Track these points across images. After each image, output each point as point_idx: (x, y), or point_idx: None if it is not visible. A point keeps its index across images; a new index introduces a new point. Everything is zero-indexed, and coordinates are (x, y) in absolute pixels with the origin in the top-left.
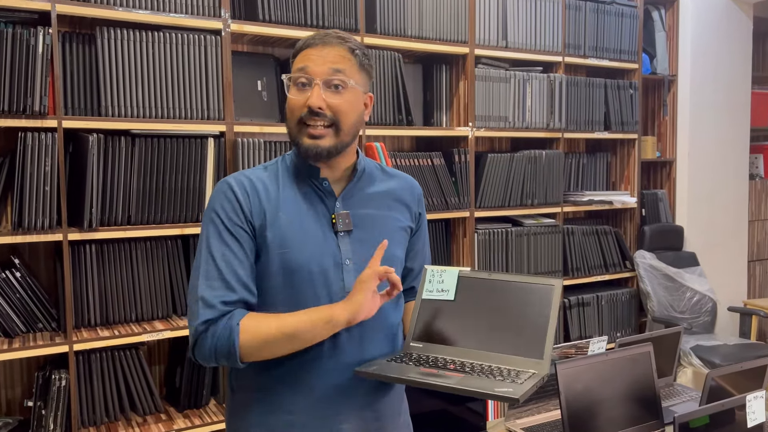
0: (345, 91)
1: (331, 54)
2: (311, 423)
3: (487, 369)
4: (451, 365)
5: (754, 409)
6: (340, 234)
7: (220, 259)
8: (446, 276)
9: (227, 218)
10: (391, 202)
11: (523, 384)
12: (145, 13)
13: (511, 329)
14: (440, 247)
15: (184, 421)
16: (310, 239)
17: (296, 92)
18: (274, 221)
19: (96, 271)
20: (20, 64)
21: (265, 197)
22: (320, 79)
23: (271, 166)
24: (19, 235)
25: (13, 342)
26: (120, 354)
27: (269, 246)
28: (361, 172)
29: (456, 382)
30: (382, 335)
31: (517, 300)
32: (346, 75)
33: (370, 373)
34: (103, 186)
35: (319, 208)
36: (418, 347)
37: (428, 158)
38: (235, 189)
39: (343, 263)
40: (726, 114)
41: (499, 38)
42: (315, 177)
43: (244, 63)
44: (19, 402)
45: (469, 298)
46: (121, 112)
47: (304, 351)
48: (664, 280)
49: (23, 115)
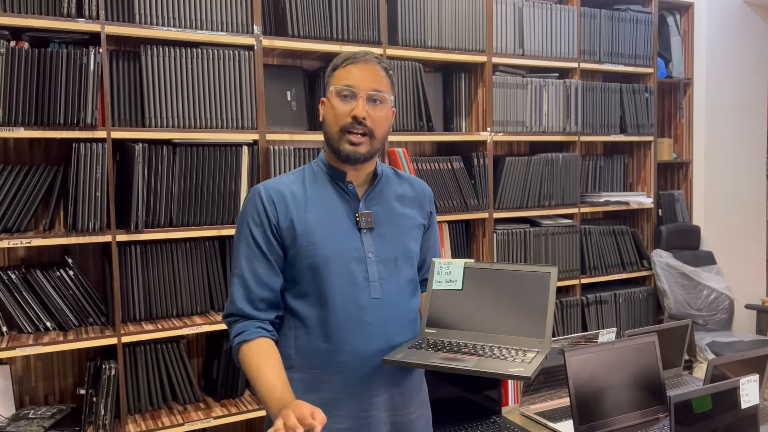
0: (382, 105)
1: (372, 72)
2: (346, 398)
3: (497, 350)
4: (465, 348)
5: (748, 391)
6: (363, 231)
7: (244, 259)
8: (453, 267)
9: (254, 223)
10: (407, 202)
11: (531, 363)
12: (184, 32)
13: (514, 313)
14: (461, 247)
15: (222, 409)
16: (336, 236)
17: (340, 103)
18: (302, 222)
19: (141, 270)
20: (74, 80)
21: (293, 201)
22: (364, 93)
23: (298, 172)
24: (72, 236)
25: (68, 334)
26: (162, 347)
27: (299, 244)
28: (380, 176)
29: (474, 365)
30: (404, 322)
31: (518, 286)
32: (384, 92)
33: (396, 361)
34: (148, 191)
35: (344, 208)
36: (433, 333)
37: (448, 162)
38: (263, 198)
39: (366, 257)
40: (742, 115)
41: (515, 46)
42: (342, 180)
43: (275, 75)
44: (71, 390)
45: (475, 286)
46: (164, 122)
47: (338, 338)
48: (681, 278)
49: (77, 127)
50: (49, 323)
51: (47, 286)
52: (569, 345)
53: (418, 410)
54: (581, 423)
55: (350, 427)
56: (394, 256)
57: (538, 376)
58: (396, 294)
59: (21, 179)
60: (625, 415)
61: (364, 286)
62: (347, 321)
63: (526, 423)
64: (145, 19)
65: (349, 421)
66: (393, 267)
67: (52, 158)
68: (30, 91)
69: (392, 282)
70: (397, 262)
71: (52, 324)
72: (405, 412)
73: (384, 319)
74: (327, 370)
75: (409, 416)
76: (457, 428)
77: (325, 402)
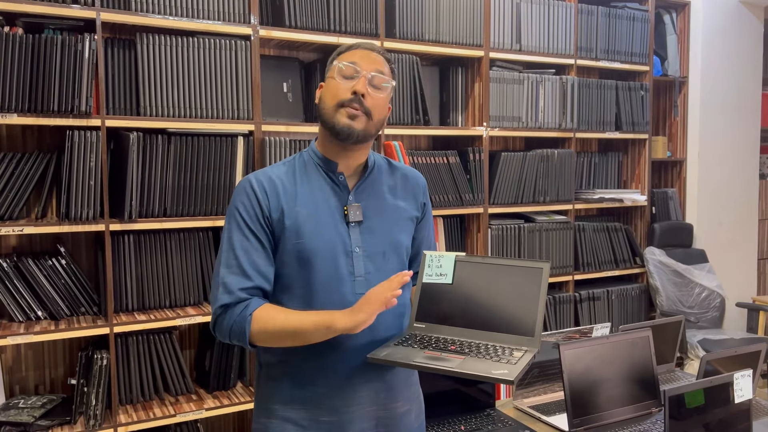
0: (383, 90)
1: (376, 59)
2: (331, 393)
3: (484, 349)
4: (452, 346)
5: (741, 386)
6: (352, 224)
7: (239, 249)
8: (444, 261)
9: (247, 214)
10: (399, 194)
11: (516, 364)
12: (180, 20)
13: (504, 309)
14: (455, 241)
15: (214, 401)
16: (324, 230)
17: (342, 80)
18: (292, 214)
19: (134, 260)
20: (68, 67)
21: (283, 192)
22: (367, 72)
23: (289, 162)
24: (65, 225)
25: (59, 324)
26: (155, 337)
27: (286, 236)
28: (372, 167)
29: (457, 366)
30: (390, 317)
31: (509, 281)
32: (386, 76)
33: (380, 359)
34: (142, 180)
35: (333, 200)
36: (421, 328)
37: (444, 156)
38: (255, 187)
39: (353, 251)
40: (736, 115)
41: (513, 42)
42: (333, 171)
43: (271, 66)
44: (62, 380)
45: (466, 280)
46: (159, 111)
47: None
48: (673, 276)
49: (71, 114)
50: (41, 312)
51: (39, 275)
52: (563, 339)
53: (406, 404)
54: (575, 416)
55: (334, 421)
56: (382, 250)
57: (532, 370)
58: None
59: (14, 166)
60: (618, 409)
61: (349, 281)
62: None
63: (520, 416)
64: (141, 6)
65: (334, 416)
66: (381, 261)
67: (46, 146)
68: (24, 78)
69: (380, 276)
70: (385, 256)
71: (44, 313)
72: (392, 406)
73: None
74: (311, 365)
75: (397, 410)
76: (451, 421)
77: (309, 397)
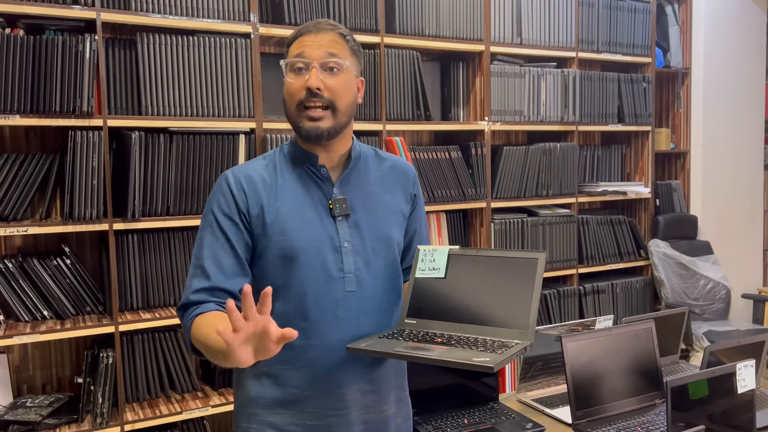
0: (340, 73)
1: (326, 39)
2: (315, 395)
3: (472, 341)
4: (439, 339)
5: (744, 376)
6: (339, 219)
7: (206, 249)
8: (437, 255)
9: (221, 212)
10: (387, 186)
11: (501, 353)
12: (180, 19)
13: (498, 302)
14: (458, 236)
15: (219, 398)
16: (308, 225)
17: (294, 77)
18: (273, 209)
19: (138, 258)
20: (69, 68)
21: (263, 187)
22: (317, 62)
23: (269, 156)
24: (69, 225)
25: (65, 323)
26: (160, 335)
27: (268, 233)
28: (357, 158)
29: (437, 354)
30: (380, 315)
31: (504, 273)
32: (341, 58)
33: (360, 349)
34: (145, 179)
35: (316, 194)
36: (412, 323)
37: (446, 152)
38: (231, 184)
39: (342, 246)
40: (740, 106)
41: (513, 35)
42: (313, 164)
43: (272, 64)
44: (69, 379)
45: (460, 274)
46: (160, 111)
47: (308, 333)
48: (678, 268)
49: (72, 115)
50: (47, 312)
51: (44, 275)
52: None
53: (394, 407)
54: (578, 409)
55: (320, 424)
56: (372, 245)
57: (535, 364)
58: (373, 286)
59: (17, 167)
60: (622, 401)
61: (338, 278)
62: (319, 315)
63: (524, 409)
64: (141, 6)
65: (319, 419)
66: (371, 257)
67: (49, 146)
68: (25, 79)
69: (369, 273)
70: (375, 252)
71: (50, 313)
72: (380, 409)
73: (357, 313)
74: (296, 366)
75: (385, 413)
76: (454, 415)
77: (293, 398)
